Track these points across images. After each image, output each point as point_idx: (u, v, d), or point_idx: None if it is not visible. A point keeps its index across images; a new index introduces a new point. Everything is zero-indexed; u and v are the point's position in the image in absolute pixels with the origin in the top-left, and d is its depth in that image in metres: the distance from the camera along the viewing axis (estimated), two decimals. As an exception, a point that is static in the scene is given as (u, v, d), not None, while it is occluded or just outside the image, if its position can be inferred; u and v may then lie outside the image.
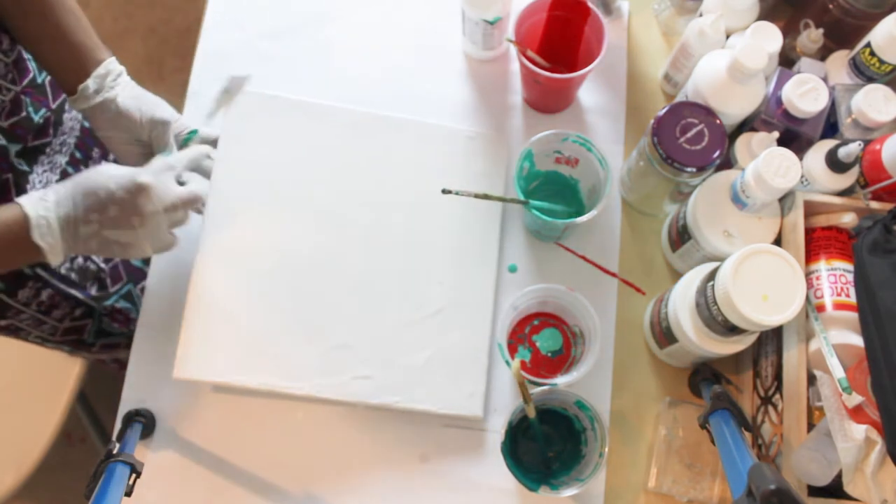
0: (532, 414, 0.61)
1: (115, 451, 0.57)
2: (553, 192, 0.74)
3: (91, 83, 0.63)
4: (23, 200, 0.55)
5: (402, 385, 0.67)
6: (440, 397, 0.67)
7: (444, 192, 0.64)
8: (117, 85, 0.64)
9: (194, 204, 0.62)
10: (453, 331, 0.69)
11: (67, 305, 0.78)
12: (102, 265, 0.80)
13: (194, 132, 0.70)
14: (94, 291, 0.80)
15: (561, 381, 0.62)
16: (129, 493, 0.55)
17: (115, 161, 0.82)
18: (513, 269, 0.74)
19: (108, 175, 0.57)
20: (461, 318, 0.69)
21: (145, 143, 0.66)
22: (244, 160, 0.71)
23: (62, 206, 0.56)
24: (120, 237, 0.58)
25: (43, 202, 0.55)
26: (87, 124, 0.75)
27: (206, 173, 0.68)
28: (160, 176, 0.59)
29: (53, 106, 0.69)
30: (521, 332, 0.71)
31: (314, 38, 0.83)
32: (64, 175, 0.73)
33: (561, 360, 0.70)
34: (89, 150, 0.76)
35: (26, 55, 0.67)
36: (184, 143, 0.68)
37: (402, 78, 0.81)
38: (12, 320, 0.76)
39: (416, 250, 0.70)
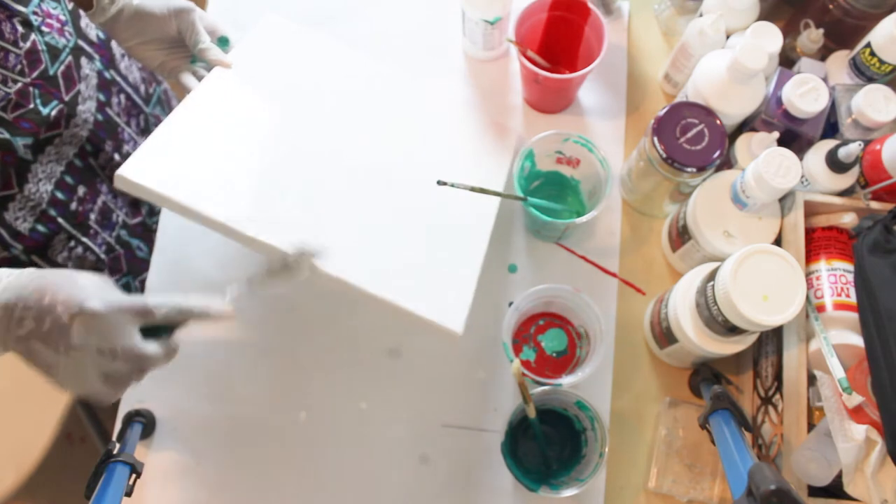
0: (532, 414, 0.61)
1: (115, 451, 0.57)
2: (554, 193, 0.74)
3: None
4: None
5: (381, 271, 0.60)
6: (421, 298, 0.60)
7: (440, 183, 0.63)
8: None
9: (142, 367, 0.50)
10: (446, 244, 0.65)
11: None
12: (102, 256, 0.80)
13: (226, 41, 0.68)
14: None
15: (566, 381, 0.62)
16: (129, 494, 0.55)
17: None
18: (513, 270, 0.74)
19: (67, 284, 0.48)
20: (456, 234, 0.66)
21: (174, 38, 0.65)
22: (259, 71, 0.69)
23: (7, 291, 0.48)
24: (42, 354, 0.47)
25: None
26: (100, 117, 0.74)
27: None
28: (118, 313, 0.48)
29: (66, 98, 0.69)
30: (527, 332, 0.71)
31: (314, 38, 0.83)
32: (70, 167, 0.72)
33: (566, 360, 0.70)
34: (101, 142, 0.75)
35: (42, 46, 0.66)
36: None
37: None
38: None
39: (422, 163, 0.69)
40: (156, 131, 0.59)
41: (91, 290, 0.48)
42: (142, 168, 0.57)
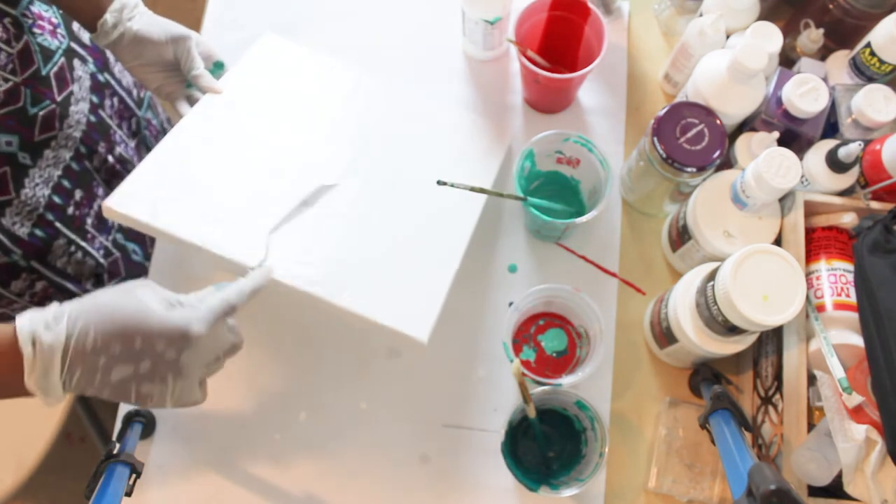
0: (532, 414, 0.61)
1: (115, 451, 0.57)
2: (554, 193, 0.74)
3: (109, 17, 0.65)
4: (22, 320, 0.44)
5: (347, 283, 0.60)
6: (387, 308, 0.60)
7: (440, 183, 0.63)
8: (135, 16, 0.67)
9: (229, 356, 0.53)
10: (421, 252, 0.65)
11: (62, 297, 0.77)
12: (101, 261, 0.80)
13: (221, 66, 0.71)
14: (89, 286, 0.80)
15: (565, 381, 0.62)
16: (129, 493, 0.55)
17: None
18: (513, 269, 0.74)
19: (148, 314, 0.46)
20: (433, 242, 0.66)
21: (172, 62, 0.68)
22: (254, 87, 0.72)
23: (79, 338, 0.44)
24: (141, 391, 0.47)
25: (47, 328, 0.44)
26: (93, 118, 0.75)
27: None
28: (215, 326, 0.49)
29: (59, 99, 0.69)
30: (527, 332, 0.71)
31: (314, 38, 0.83)
32: (67, 171, 0.72)
33: (566, 360, 0.70)
34: (95, 144, 0.75)
35: (35, 47, 0.66)
36: (211, 73, 0.71)
37: (403, 77, 0.81)
38: (5, 309, 0.75)
39: (403, 171, 0.70)
40: (143, 161, 0.62)
41: (177, 315, 0.47)
42: (128, 199, 0.60)
